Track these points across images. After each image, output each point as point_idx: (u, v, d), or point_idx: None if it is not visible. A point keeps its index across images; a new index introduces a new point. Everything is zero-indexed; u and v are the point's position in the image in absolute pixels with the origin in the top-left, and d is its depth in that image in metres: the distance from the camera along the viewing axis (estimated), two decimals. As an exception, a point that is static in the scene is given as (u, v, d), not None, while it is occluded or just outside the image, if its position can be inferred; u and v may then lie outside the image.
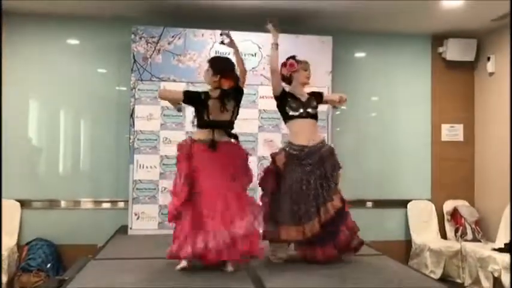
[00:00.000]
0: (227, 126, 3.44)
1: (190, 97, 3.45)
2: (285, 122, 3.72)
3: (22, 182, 5.15)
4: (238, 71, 3.47)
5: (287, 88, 3.71)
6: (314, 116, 3.64)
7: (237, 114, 3.51)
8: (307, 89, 3.77)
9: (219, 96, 3.34)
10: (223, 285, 2.99)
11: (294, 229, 3.43)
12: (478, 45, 5.79)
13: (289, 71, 3.66)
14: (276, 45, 3.60)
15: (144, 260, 3.60)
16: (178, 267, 3.27)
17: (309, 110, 3.61)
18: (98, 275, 3.24)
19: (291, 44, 5.07)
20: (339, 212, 3.45)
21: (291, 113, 3.60)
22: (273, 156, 3.62)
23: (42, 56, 5.26)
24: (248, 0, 4.77)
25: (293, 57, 3.70)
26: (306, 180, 3.46)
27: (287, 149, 3.58)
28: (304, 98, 3.66)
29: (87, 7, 4.99)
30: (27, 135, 5.29)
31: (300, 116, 3.59)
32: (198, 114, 3.40)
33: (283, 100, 3.63)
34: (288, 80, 3.71)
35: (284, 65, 3.68)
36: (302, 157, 3.50)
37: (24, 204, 5.14)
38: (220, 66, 3.42)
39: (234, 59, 3.51)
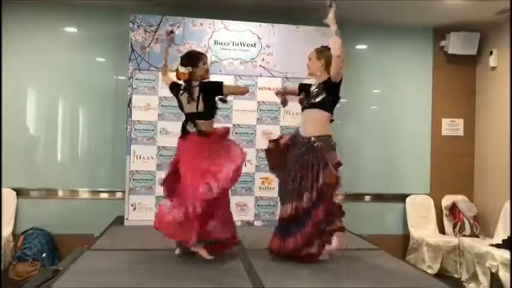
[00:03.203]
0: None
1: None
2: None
3: (19, 171, 5.11)
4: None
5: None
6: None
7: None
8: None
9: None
10: (219, 278, 2.98)
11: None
12: (481, 39, 5.72)
13: None
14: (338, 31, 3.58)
15: (139, 251, 3.58)
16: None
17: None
18: (94, 265, 3.22)
19: (291, 35, 5.04)
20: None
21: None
22: None
23: (40, 43, 5.20)
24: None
25: None
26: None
27: None
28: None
29: (85, -5, 4.94)
30: (24, 123, 5.25)
31: None
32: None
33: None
34: None
35: None
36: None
37: (20, 192, 5.11)
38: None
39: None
